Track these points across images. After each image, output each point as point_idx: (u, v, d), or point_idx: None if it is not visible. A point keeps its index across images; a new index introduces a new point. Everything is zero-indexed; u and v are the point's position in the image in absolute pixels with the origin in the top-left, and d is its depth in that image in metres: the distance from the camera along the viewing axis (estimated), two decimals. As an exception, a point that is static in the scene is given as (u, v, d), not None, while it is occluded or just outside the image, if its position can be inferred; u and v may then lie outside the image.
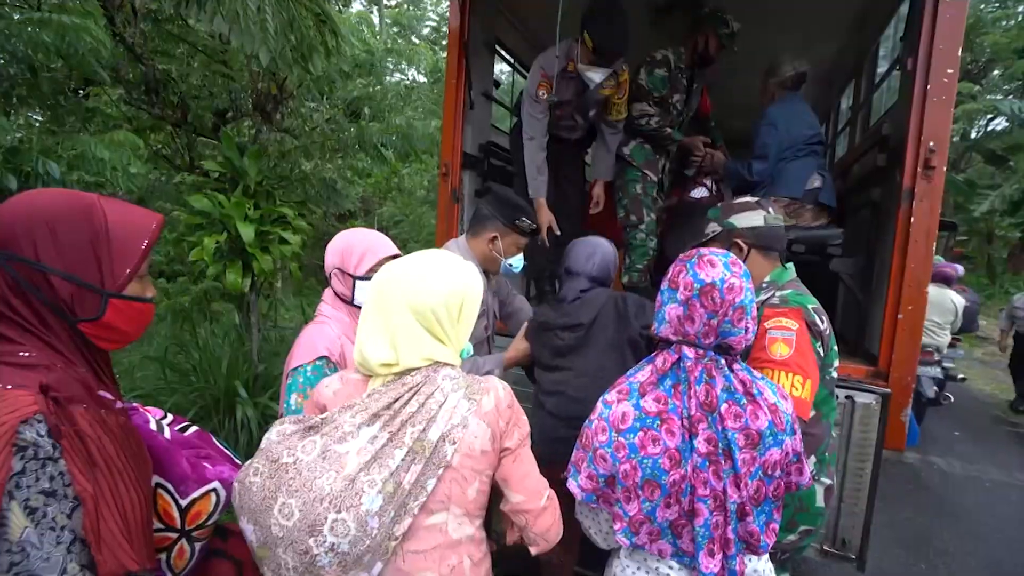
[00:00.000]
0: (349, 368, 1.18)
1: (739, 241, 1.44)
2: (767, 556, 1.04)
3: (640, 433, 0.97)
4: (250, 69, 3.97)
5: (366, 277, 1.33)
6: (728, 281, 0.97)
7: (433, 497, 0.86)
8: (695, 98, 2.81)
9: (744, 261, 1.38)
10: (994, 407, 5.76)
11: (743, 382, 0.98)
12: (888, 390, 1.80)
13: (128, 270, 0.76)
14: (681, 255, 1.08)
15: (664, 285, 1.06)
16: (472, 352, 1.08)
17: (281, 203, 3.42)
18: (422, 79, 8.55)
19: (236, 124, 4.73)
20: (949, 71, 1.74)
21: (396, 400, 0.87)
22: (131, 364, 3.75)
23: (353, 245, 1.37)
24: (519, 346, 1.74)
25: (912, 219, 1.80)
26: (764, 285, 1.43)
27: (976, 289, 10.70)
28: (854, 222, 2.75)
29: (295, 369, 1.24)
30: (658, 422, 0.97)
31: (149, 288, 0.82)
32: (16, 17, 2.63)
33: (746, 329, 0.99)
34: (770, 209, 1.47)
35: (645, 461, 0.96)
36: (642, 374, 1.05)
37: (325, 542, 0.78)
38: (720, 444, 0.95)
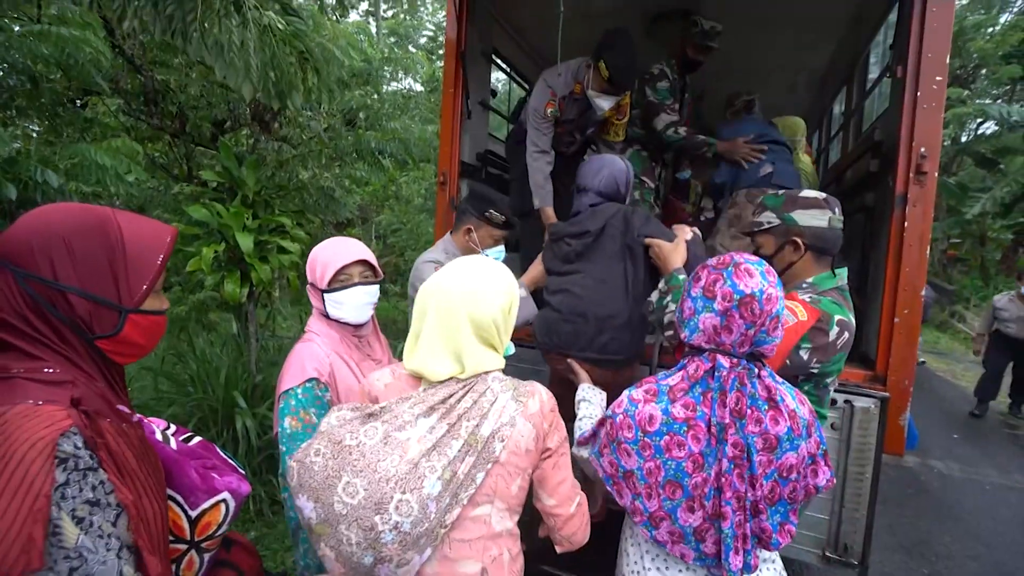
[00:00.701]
0: (340, 383, 1.29)
1: (797, 240, 1.36)
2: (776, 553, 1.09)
3: (667, 437, 1.00)
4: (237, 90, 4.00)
5: (332, 289, 1.32)
6: (766, 292, 0.98)
7: (480, 490, 0.91)
8: (685, 108, 2.86)
9: (796, 262, 1.38)
10: (991, 410, 5.77)
11: (768, 388, 1.01)
12: (887, 394, 1.81)
13: (145, 286, 0.76)
14: (713, 261, 1.07)
15: (696, 292, 1.05)
16: (514, 350, 1.12)
17: (279, 212, 3.42)
18: (419, 88, 8.60)
19: (234, 134, 4.74)
20: (938, 78, 1.77)
21: (451, 396, 0.93)
22: (129, 375, 3.72)
23: (315, 259, 1.35)
24: (536, 267, 1.88)
25: (906, 224, 1.82)
26: (805, 285, 1.38)
27: (970, 291, 10.81)
28: (848, 226, 2.78)
29: (286, 392, 1.22)
30: (685, 428, 0.99)
31: (163, 300, 0.82)
32: (16, 29, 2.65)
33: (778, 337, 1.02)
34: (836, 210, 1.37)
35: (669, 463, 0.99)
36: (673, 379, 1.06)
37: (390, 520, 0.83)
38: (744, 447, 0.98)
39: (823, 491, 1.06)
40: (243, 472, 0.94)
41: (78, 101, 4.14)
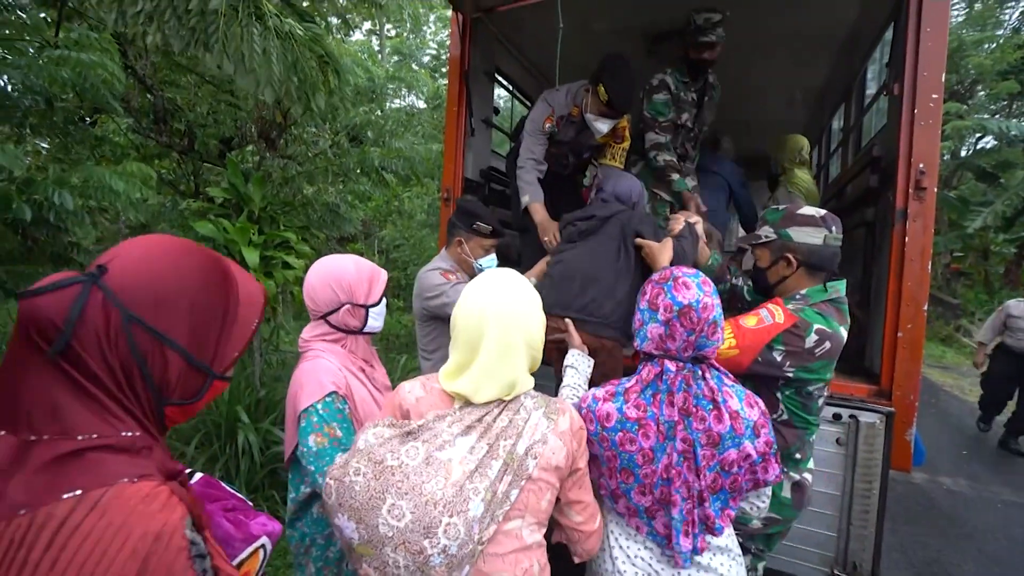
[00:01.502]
0: (356, 395, 1.28)
1: (790, 256, 1.41)
2: (731, 535, 1.19)
3: (620, 433, 1.13)
4: (256, 98, 4.08)
5: (376, 304, 1.37)
6: (703, 302, 1.11)
7: (513, 506, 0.93)
8: (708, 112, 2.75)
9: (788, 277, 1.44)
10: (1000, 425, 5.70)
11: (711, 390, 1.12)
12: (892, 409, 1.80)
13: (237, 352, 0.68)
14: (656, 276, 1.21)
15: (643, 304, 1.19)
16: None
17: (284, 228, 3.46)
18: (422, 104, 8.74)
19: (241, 151, 4.82)
20: (934, 96, 1.80)
21: (487, 414, 0.95)
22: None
23: (359, 277, 1.35)
24: (545, 261, 2.03)
25: (907, 239, 1.83)
26: (798, 297, 1.43)
27: (975, 305, 10.75)
28: (849, 241, 2.79)
29: (306, 410, 1.19)
30: (636, 427, 1.12)
31: None
32: (31, 52, 2.73)
33: (718, 340, 1.14)
34: (833, 228, 1.41)
35: (623, 455, 1.13)
36: (629, 382, 1.19)
37: (439, 544, 0.83)
38: (692, 442, 1.09)
39: (772, 483, 1.17)
40: (250, 503, 0.90)
41: (88, 119, 4.22)
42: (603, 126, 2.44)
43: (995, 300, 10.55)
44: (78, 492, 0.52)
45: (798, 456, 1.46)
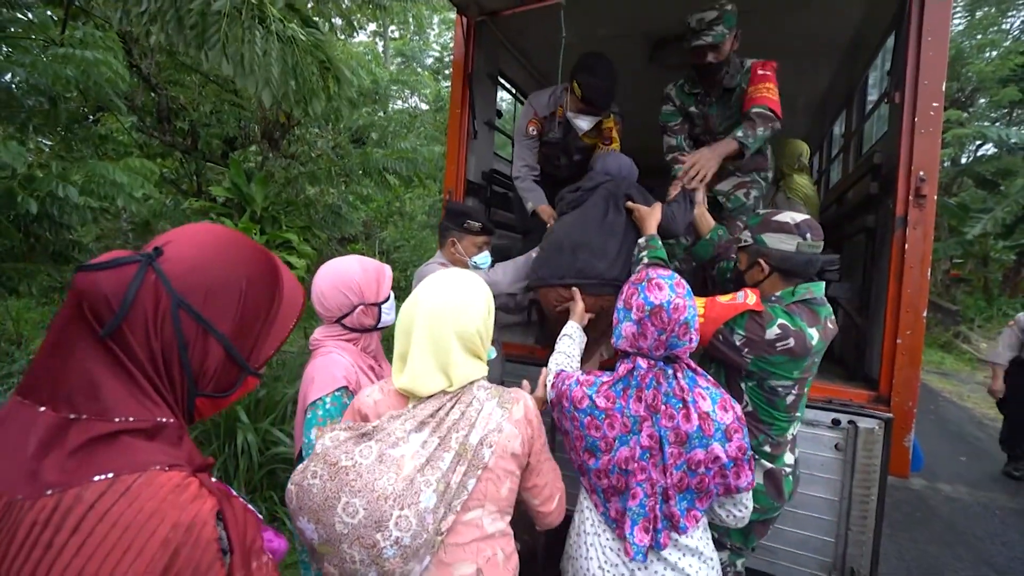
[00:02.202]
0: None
1: (761, 261, 1.44)
2: (704, 538, 1.22)
3: (588, 417, 1.20)
4: (258, 99, 4.09)
5: (387, 300, 1.41)
6: (674, 303, 1.15)
7: (472, 496, 0.95)
8: (725, 107, 2.40)
9: (763, 280, 1.46)
10: (999, 431, 5.70)
11: (682, 389, 1.16)
12: (890, 415, 1.81)
13: (273, 350, 0.69)
14: (633, 277, 1.28)
15: (620, 304, 1.25)
16: (496, 353, 1.23)
17: (286, 228, 3.47)
18: (424, 107, 8.77)
19: (244, 151, 4.83)
20: (935, 105, 1.81)
21: (439, 409, 0.98)
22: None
23: (368, 276, 1.37)
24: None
25: (906, 245, 1.84)
26: (772, 298, 1.47)
27: (974, 312, 10.76)
28: (850, 247, 2.80)
29: (314, 403, 1.20)
30: (603, 416, 1.18)
31: None
32: (35, 51, 2.74)
33: (690, 340, 1.18)
34: (808, 235, 1.40)
35: (588, 437, 1.20)
36: (606, 376, 1.24)
37: (391, 536, 0.86)
38: (659, 439, 1.14)
39: (744, 490, 1.19)
40: (260, 516, 0.88)
41: (91, 117, 4.24)
42: (583, 123, 2.46)
43: (994, 307, 10.57)
44: (109, 475, 0.51)
45: (767, 449, 1.48)
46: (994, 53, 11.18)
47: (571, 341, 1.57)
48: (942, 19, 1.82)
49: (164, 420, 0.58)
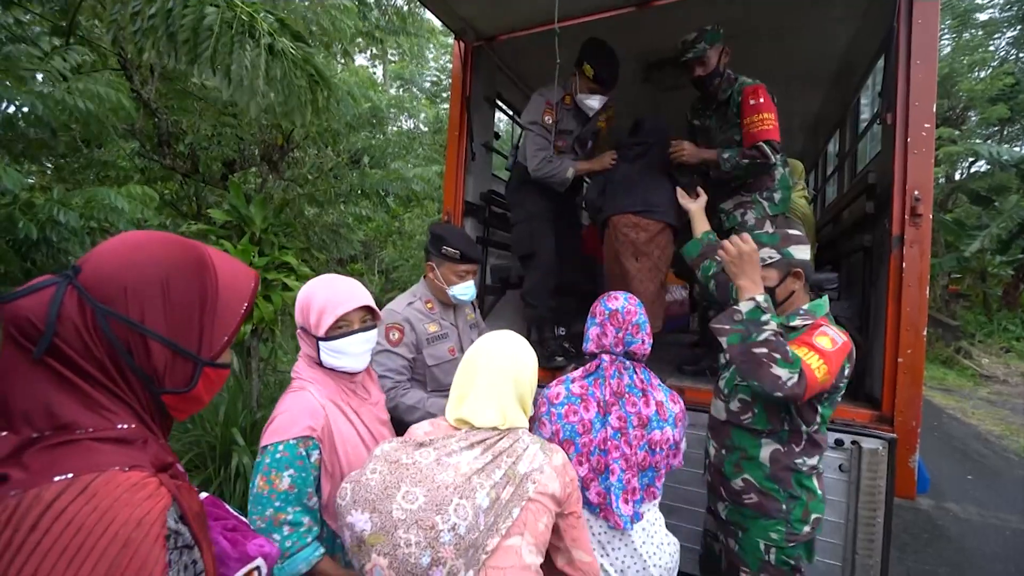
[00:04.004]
0: (336, 435, 1.22)
1: (799, 271, 1.54)
2: (656, 516, 1.44)
3: (566, 406, 1.41)
4: (259, 122, 4.15)
5: (331, 337, 1.21)
6: (627, 307, 1.46)
7: (515, 522, 1.00)
8: (723, 119, 2.49)
9: (794, 292, 1.55)
10: (1006, 448, 5.63)
11: (641, 380, 1.43)
12: (894, 435, 1.78)
13: (227, 337, 0.68)
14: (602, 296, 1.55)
15: (589, 316, 1.52)
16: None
17: (284, 250, 3.48)
18: (424, 128, 8.89)
19: (243, 173, 4.88)
20: (926, 126, 1.84)
21: (490, 437, 1.05)
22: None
23: (310, 302, 1.22)
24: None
25: (904, 264, 1.84)
26: (801, 312, 1.53)
27: (974, 327, 10.74)
28: (848, 266, 2.81)
29: (264, 448, 1.11)
30: (579, 400, 1.41)
31: (228, 352, 0.73)
32: (40, 80, 2.78)
33: (642, 341, 1.45)
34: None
35: (567, 426, 1.40)
36: (575, 373, 1.48)
37: (449, 520, 0.91)
38: (626, 421, 1.37)
39: (675, 467, 1.46)
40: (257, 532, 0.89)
41: (93, 144, 4.29)
42: (594, 102, 2.54)
43: (994, 322, 10.55)
44: (69, 476, 0.53)
45: (817, 462, 1.52)
46: (982, 73, 11.41)
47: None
48: (930, 42, 1.86)
49: (125, 426, 0.60)
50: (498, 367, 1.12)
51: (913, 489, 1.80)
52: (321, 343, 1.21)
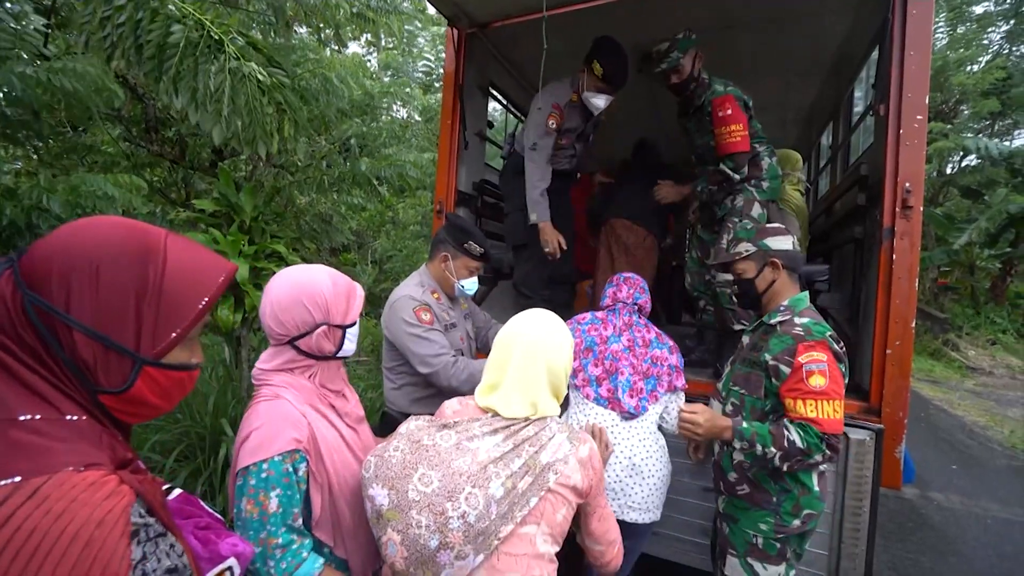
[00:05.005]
0: (321, 442, 1.10)
1: (776, 261, 1.60)
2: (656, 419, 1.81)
3: (589, 325, 1.88)
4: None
5: (353, 324, 1.17)
6: (636, 277, 1.98)
7: (531, 512, 1.00)
8: (700, 122, 2.56)
9: (775, 282, 1.61)
10: (990, 439, 5.74)
11: (644, 325, 1.89)
12: (881, 426, 1.80)
13: (175, 333, 0.61)
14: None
15: (605, 286, 2.01)
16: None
17: (275, 239, 3.43)
18: (418, 117, 8.79)
19: (233, 160, 4.80)
20: (919, 117, 1.83)
21: (514, 424, 1.04)
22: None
23: (335, 292, 1.14)
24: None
25: (894, 256, 1.85)
26: (781, 308, 1.58)
27: (962, 319, 10.90)
28: (839, 257, 2.82)
29: (247, 468, 0.98)
30: (600, 322, 1.89)
31: (195, 351, 0.66)
32: (25, 62, 2.71)
33: (646, 300, 1.93)
34: (794, 239, 1.67)
35: (588, 337, 1.86)
36: (598, 314, 1.93)
37: (459, 508, 0.92)
38: (633, 341, 1.82)
39: (679, 389, 1.85)
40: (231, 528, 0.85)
41: (78, 128, 4.19)
42: (600, 101, 2.53)
43: (982, 315, 10.70)
44: (16, 479, 0.49)
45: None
46: (974, 68, 11.44)
47: None
48: (924, 34, 1.85)
49: (74, 417, 0.56)
50: (533, 355, 1.08)
51: (899, 479, 1.83)
52: (348, 330, 1.16)
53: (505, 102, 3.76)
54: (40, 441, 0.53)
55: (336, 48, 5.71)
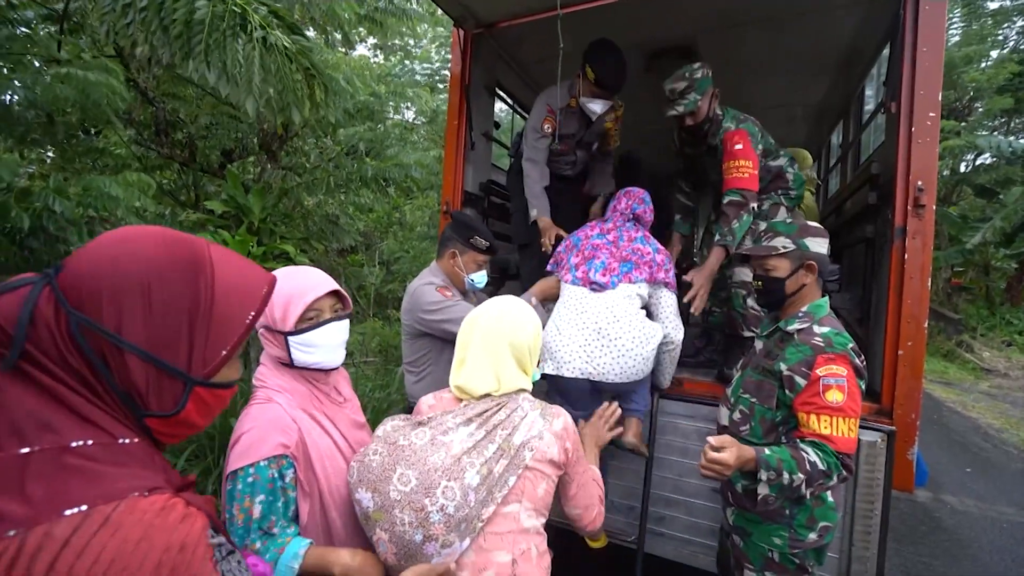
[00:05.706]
0: (312, 449, 1.10)
1: (813, 263, 1.51)
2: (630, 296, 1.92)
3: (580, 231, 2.13)
4: (257, 112, 4.12)
5: (301, 330, 1.08)
6: (638, 189, 2.15)
7: (511, 491, 1.05)
8: (714, 159, 2.41)
9: (807, 284, 1.51)
10: (1005, 442, 5.63)
11: (638, 228, 2.07)
12: (893, 427, 1.77)
13: (225, 351, 0.59)
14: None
15: (614, 200, 2.17)
16: (539, 376, 1.28)
17: (283, 240, 3.46)
18: (423, 119, 8.82)
19: (241, 162, 4.85)
20: (931, 115, 1.80)
21: (487, 410, 1.09)
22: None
23: (274, 296, 1.03)
24: (544, 282, 2.17)
25: (906, 256, 1.82)
26: (800, 314, 1.49)
27: (976, 320, 10.72)
28: (850, 257, 2.78)
29: (235, 472, 0.98)
30: (589, 226, 2.12)
31: (236, 366, 0.63)
32: (36, 64, 2.76)
33: (645, 210, 2.11)
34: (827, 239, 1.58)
35: (576, 239, 2.10)
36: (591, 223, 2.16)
37: (437, 502, 0.96)
38: (618, 236, 2.02)
39: (661, 281, 1.95)
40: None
41: (92, 131, 4.26)
42: (597, 107, 2.49)
43: (997, 316, 10.52)
44: (83, 508, 0.47)
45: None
46: (984, 64, 11.23)
47: None
48: (937, 30, 1.82)
49: (126, 440, 0.53)
50: (494, 331, 1.15)
51: (911, 482, 1.80)
52: (291, 338, 1.07)
53: (511, 102, 3.76)
54: (96, 467, 0.50)
55: (343, 51, 5.74)
